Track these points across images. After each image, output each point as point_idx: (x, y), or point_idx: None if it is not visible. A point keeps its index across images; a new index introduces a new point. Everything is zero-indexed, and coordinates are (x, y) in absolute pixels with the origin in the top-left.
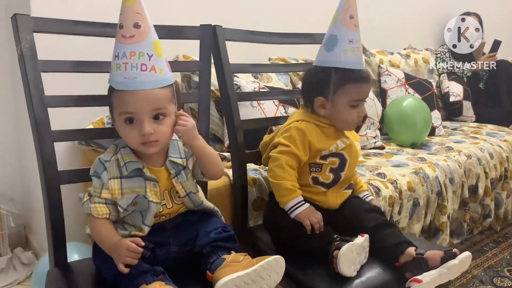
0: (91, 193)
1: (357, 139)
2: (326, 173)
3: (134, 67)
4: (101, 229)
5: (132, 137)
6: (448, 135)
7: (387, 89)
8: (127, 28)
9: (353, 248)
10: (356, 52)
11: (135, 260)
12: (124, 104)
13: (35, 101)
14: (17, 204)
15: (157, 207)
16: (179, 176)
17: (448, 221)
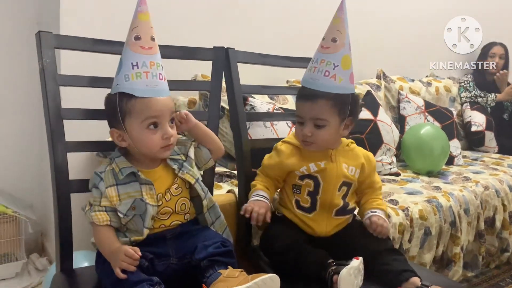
0: (91, 203)
1: (357, 160)
2: (305, 196)
3: (155, 76)
4: (103, 236)
5: (154, 142)
6: (467, 165)
7: (406, 116)
8: (145, 40)
9: (351, 271)
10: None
11: (131, 267)
12: (150, 109)
13: (51, 113)
14: (36, 211)
15: (154, 209)
16: (183, 168)
17: (461, 252)
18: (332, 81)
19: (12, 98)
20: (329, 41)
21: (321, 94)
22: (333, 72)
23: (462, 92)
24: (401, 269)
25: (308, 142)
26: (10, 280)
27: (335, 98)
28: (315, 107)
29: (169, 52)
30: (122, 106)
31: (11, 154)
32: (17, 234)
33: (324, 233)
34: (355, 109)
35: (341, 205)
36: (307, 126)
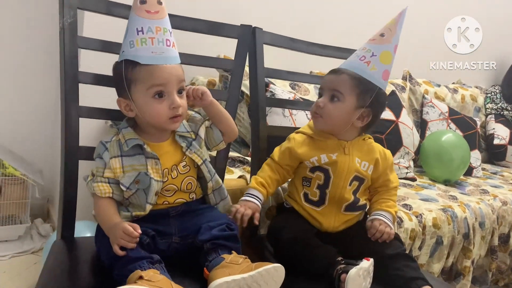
0: (94, 173)
1: (371, 155)
2: (314, 189)
3: (161, 42)
4: (104, 208)
5: (161, 112)
6: (486, 177)
7: (428, 121)
8: (151, 4)
9: (361, 272)
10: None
11: (130, 244)
12: (154, 77)
13: (68, 75)
14: (45, 177)
15: (158, 184)
16: (191, 147)
17: (471, 266)
18: (364, 65)
19: (31, 58)
20: (378, 35)
21: (347, 71)
22: (368, 59)
23: (488, 103)
24: (413, 276)
25: (317, 114)
26: (13, 242)
27: (360, 80)
28: (337, 79)
29: (195, 26)
30: (127, 74)
31: (25, 118)
32: (23, 197)
33: (332, 228)
34: (377, 104)
35: (351, 201)
36: (323, 97)
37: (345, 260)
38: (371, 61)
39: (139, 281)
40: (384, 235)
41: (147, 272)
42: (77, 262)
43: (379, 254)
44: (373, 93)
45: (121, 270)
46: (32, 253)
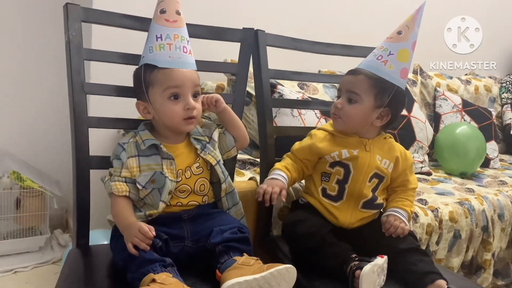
0: (112, 173)
1: (392, 154)
2: (333, 183)
3: (178, 48)
4: (120, 207)
5: (176, 112)
6: (504, 169)
7: (442, 114)
8: (170, 13)
9: (375, 268)
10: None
11: (143, 244)
12: (171, 79)
13: (75, 87)
14: (62, 188)
15: (172, 184)
16: (205, 149)
17: (492, 259)
18: (381, 64)
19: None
20: (395, 33)
21: (365, 71)
22: (385, 58)
23: (503, 93)
24: (427, 270)
25: (336, 115)
26: (34, 254)
27: (377, 80)
28: (353, 80)
29: (197, 32)
30: (146, 77)
31: (41, 129)
32: (42, 209)
33: (348, 224)
34: (395, 103)
35: (369, 198)
36: (341, 98)
37: (359, 257)
38: (388, 60)
39: (152, 284)
40: (399, 229)
41: (160, 275)
42: (92, 268)
43: (392, 249)
44: (391, 92)
45: (135, 273)
46: (53, 263)
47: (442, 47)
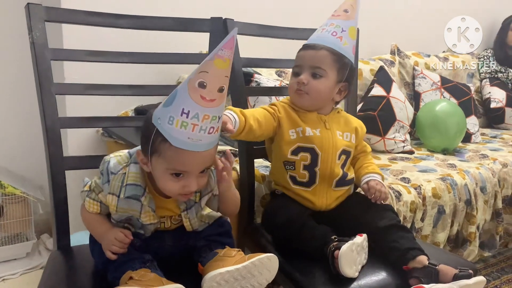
0: (91, 187)
1: (349, 126)
2: (301, 171)
3: (203, 130)
4: (91, 219)
5: (173, 188)
6: (485, 142)
7: (421, 92)
8: (210, 91)
9: (353, 247)
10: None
11: (122, 250)
12: (180, 163)
13: (42, 87)
14: (46, 192)
15: (152, 226)
16: (189, 211)
17: (477, 231)
18: (338, 40)
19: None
20: (341, 11)
21: (325, 46)
22: (340, 34)
23: (481, 68)
24: (408, 247)
25: (301, 91)
26: (21, 260)
27: (338, 56)
28: (317, 55)
29: (164, 24)
30: (155, 141)
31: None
32: (26, 215)
33: (325, 206)
34: (351, 78)
35: (341, 175)
36: (305, 74)
37: (339, 237)
38: (343, 37)
39: (130, 281)
40: (382, 194)
41: (138, 272)
42: (74, 270)
43: (373, 227)
44: (348, 67)
45: (114, 273)
46: (41, 268)
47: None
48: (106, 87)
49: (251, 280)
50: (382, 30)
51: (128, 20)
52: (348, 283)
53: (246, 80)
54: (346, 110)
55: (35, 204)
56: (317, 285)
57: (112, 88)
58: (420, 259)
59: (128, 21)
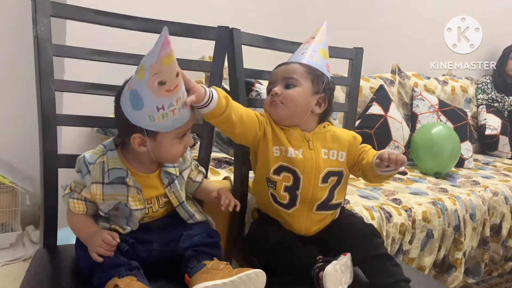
0: (72, 188)
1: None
2: (281, 192)
3: (182, 109)
4: (78, 222)
5: (179, 151)
6: (478, 169)
7: (418, 114)
8: (170, 82)
9: (337, 267)
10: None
11: (108, 252)
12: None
13: (43, 84)
14: (35, 184)
15: (141, 212)
16: (172, 185)
17: (463, 258)
18: (309, 57)
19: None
20: (310, 38)
21: (297, 62)
22: (311, 53)
23: (479, 94)
24: (393, 280)
25: (276, 102)
26: (4, 251)
27: (310, 68)
28: (288, 68)
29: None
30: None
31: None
32: (13, 205)
33: (304, 230)
34: (329, 91)
35: (324, 199)
36: (278, 86)
37: (324, 258)
38: (313, 55)
39: None
40: (399, 156)
41: (124, 280)
42: (59, 270)
43: (360, 254)
44: (323, 79)
45: (100, 278)
46: (24, 261)
47: (442, 47)
48: (108, 88)
49: None
50: (384, 48)
51: (135, 22)
52: None
53: (246, 88)
54: (344, 126)
55: (23, 195)
56: None
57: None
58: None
59: (134, 22)
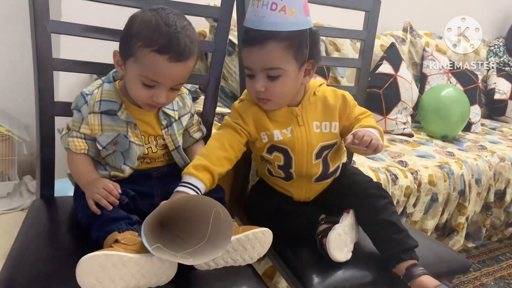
0: (70, 127)
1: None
2: (276, 169)
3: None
4: (79, 165)
5: (142, 96)
6: (485, 133)
7: (428, 75)
8: None
9: (340, 230)
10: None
11: (104, 201)
12: (153, 72)
13: (38, 24)
14: (31, 133)
15: (140, 149)
16: (169, 128)
17: (466, 222)
18: (281, 15)
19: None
20: None
21: (270, 34)
22: (281, 4)
23: (490, 57)
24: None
25: (263, 99)
26: (1, 200)
27: (289, 38)
28: (265, 53)
29: None
30: (135, 44)
31: (8, 70)
32: (10, 154)
33: (304, 198)
34: (315, 49)
35: (320, 173)
36: (259, 80)
37: (326, 218)
38: (286, 5)
39: (115, 244)
40: (373, 140)
41: (124, 235)
42: (56, 223)
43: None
44: (307, 41)
45: (99, 231)
46: (22, 210)
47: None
48: (108, 31)
49: (243, 253)
50: (397, 5)
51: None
52: (343, 266)
53: None
54: (356, 84)
55: (20, 144)
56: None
57: (113, 33)
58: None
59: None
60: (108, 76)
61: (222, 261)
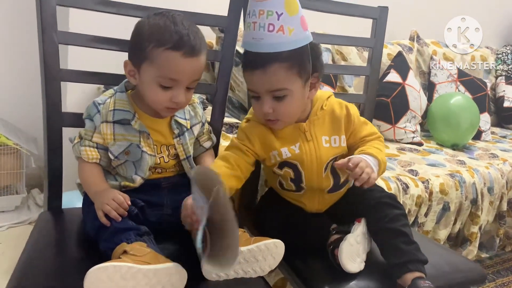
0: (82, 136)
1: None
2: (288, 182)
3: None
4: (90, 174)
5: (160, 99)
6: (495, 141)
7: (436, 83)
8: None
9: (352, 240)
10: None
11: (114, 212)
12: (172, 69)
13: (45, 34)
14: (40, 146)
15: (151, 159)
16: (181, 137)
17: (479, 232)
18: (280, 35)
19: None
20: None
21: (271, 56)
22: (278, 24)
23: (498, 65)
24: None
25: (272, 120)
26: (9, 213)
27: (291, 57)
28: (268, 76)
29: None
30: (147, 47)
31: (16, 84)
32: (18, 167)
33: (316, 210)
34: (318, 61)
35: (332, 185)
36: (265, 102)
37: (338, 228)
38: (283, 24)
39: (123, 256)
40: (364, 174)
41: (133, 245)
42: (63, 234)
43: (372, 225)
44: (308, 57)
45: (107, 242)
46: (29, 224)
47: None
48: (114, 41)
49: (254, 265)
50: (403, 14)
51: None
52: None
53: None
54: (365, 92)
55: (28, 157)
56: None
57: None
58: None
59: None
60: (121, 86)
61: (233, 272)
